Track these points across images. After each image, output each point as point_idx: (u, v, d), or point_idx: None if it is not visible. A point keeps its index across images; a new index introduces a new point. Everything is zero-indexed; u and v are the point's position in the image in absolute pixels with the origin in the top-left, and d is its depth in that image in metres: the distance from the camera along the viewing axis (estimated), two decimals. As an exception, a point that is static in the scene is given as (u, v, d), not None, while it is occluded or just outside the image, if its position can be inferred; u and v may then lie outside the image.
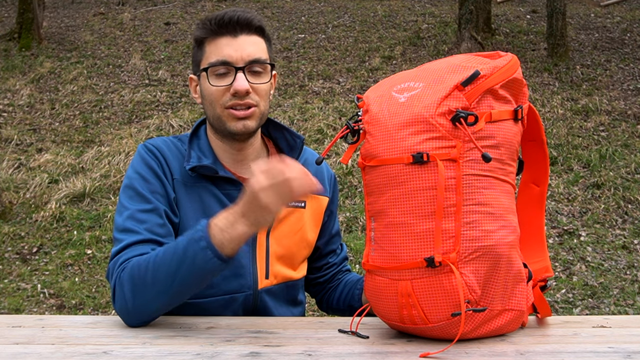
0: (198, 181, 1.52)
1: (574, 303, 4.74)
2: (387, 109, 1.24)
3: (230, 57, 1.47)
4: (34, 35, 10.42)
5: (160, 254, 1.31)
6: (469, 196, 1.18)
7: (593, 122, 7.70)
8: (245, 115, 1.49)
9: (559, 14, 9.21)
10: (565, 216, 6.06)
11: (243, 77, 1.47)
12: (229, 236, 1.24)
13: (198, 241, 1.25)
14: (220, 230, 1.24)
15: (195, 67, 1.56)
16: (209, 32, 1.50)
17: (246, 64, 1.48)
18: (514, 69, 1.24)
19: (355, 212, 6.08)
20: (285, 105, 8.21)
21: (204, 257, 1.24)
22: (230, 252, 1.26)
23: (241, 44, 1.49)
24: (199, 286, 1.31)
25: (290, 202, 1.24)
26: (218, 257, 1.24)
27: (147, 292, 1.30)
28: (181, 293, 1.31)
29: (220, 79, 1.49)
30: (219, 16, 1.49)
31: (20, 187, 6.66)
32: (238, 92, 1.47)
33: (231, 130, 1.51)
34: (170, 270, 1.28)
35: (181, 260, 1.27)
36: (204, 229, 1.26)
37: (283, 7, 12.09)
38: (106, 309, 4.70)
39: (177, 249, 1.28)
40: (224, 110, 1.50)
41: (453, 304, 1.17)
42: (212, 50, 1.50)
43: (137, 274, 1.32)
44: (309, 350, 1.18)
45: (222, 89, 1.48)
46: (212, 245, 1.24)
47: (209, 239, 1.24)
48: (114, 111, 8.39)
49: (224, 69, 1.48)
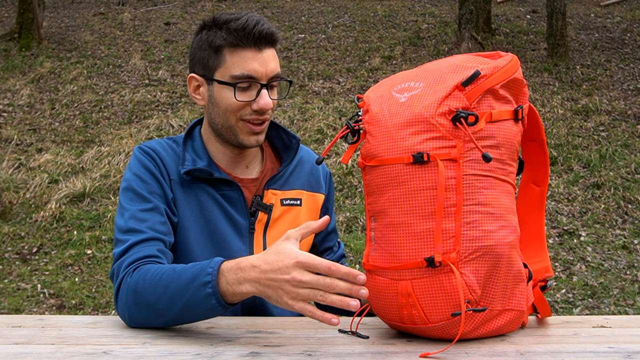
0: (194, 182, 1.52)
1: (574, 303, 4.74)
2: (387, 109, 1.24)
3: (256, 73, 1.45)
4: (34, 35, 10.42)
5: (165, 276, 1.28)
6: (469, 196, 1.18)
7: (593, 122, 7.70)
8: (261, 130, 1.50)
9: (559, 14, 9.21)
10: (565, 216, 6.07)
11: (267, 94, 1.47)
12: (233, 291, 1.22)
13: (204, 286, 1.22)
14: (227, 283, 1.21)
15: (206, 71, 1.51)
16: (231, 41, 1.45)
17: (269, 80, 1.48)
18: (514, 69, 1.24)
19: (355, 212, 6.08)
20: (285, 105, 8.21)
21: (208, 303, 1.22)
22: (233, 301, 1.24)
23: (265, 59, 1.47)
24: (197, 320, 1.31)
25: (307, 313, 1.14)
26: (222, 306, 1.22)
27: (150, 311, 1.29)
28: (179, 322, 1.30)
29: (243, 93, 1.47)
30: (241, 24, 1.45)
31: (20, 187, 6.66)
32: (261, 109, 1.47)
33: (243, 143, 1.51)
34: (172, 302, 1.26)
35: (183, 296, 1.24)
36: (214, 274, 1.22)
37: (283, 7, 12.09)
38: (106, 309, 4.70)
39: (181, 282, 1.25)
40: (239, 122, 1.49)
41: (453, 304, 1.17)
42: (235, 61, 1.46)
43: (142, 289, 1.30)
44: (309, 350, 1.17)
45: (244, 103, 1.47)
46: (218, 295, 1.21)
47: (216, 288, 1.21)
48: (114, 111, 8.39)
49: (248, 84, 1.47)
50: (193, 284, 1.23)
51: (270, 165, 1.63)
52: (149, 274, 1.30)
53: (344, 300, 1.12)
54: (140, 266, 1.34)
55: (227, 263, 1.23)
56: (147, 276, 1.30)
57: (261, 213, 1.56)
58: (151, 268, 1.32)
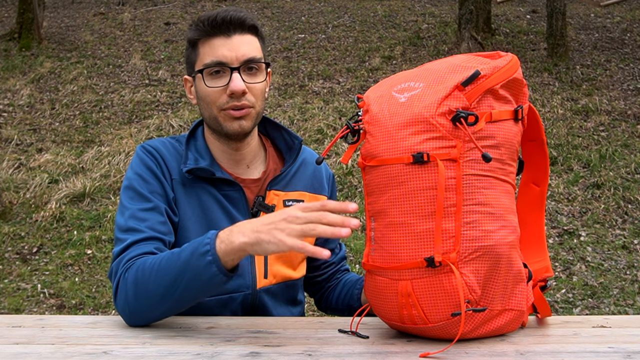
0: (196, 182, 1.53)
1: (574, 303, 4.74)
2: (387, 109, 1.24)
3: (225, 58, 1.48)
4: (34, 35, 10.42)
5: (164, 261, 1.30)
6: (469, 196, 1.18)
7: (593, 122, 7.70)
8: (241, 115, 1.50)
9: (559, 14, 9.21)
10: (565, 216, 6.06)
11: (239, 77, 1.47)
12: (225, 247, 1.22)
13: (204, 255, 1.23)
14: (220, 241, 1.23)
15: (190, 69, 1.56)
16: (202, 32, 1.50)
17: (241, 63, 1.48)
18: (514, 69, 1.24)
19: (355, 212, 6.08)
20: (285, 105, 8.21)
21: (209, 272, 1.23)
22: (231, 264, 1.24)
23: (235, 44, 1.49)
24: (203, 297, 1.30)
25: (299, 249, 1.16)
26: (223, 273, 1.23)
27: (150, 298, 1.29)
28: (184, 302, 1.30)
29: (215, 79, 1.49)
30: (211, 16, 1.49)
31: (20, 187, 6.66)
32: (234, 93, 1.47)
33: (227, 131, 1.51)
34: (175, 280, 1.26)
35: (185, 271, 1.25)
36: (212, 242, 1.24)
37: (283, 7, 12.09)
38: (106, 309, 4.70)
39: (181, 259, 1.26)
40: (220, 112, 1.50)
41: (453, 304, 1.17)
42: (206, 51, 1.50)
43: (141, 278, 1.31)
44: (309, 350, 1.18)
45: (219, 90, 1.48)
46: (218, 260, 1.22)
47: (216, 254, 1.22)
48: (114, 111, 8.39)
49: (219, 69, 1.48)
50: (193, 257, 1.24)
51: (273, 166, 1.63)
52: (147, 264, 1.32)
53: (342, 224, 1.15)
54: (137, 261, 1.35)
55: (221, 231, 1.26)
56: (146, 266, 1.31)
57: (263, 214, 1.55)
58: (148, 259, 1.33)
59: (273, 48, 10.02)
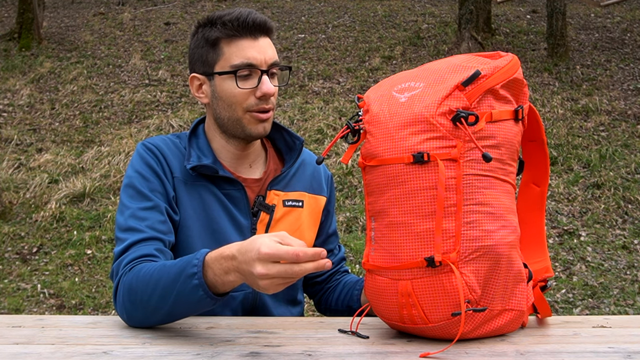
0: (198, 180, 1.52)
1: (574, 303, 4.74)
2: (387, 109, 1.24)
3: (255, 60, 1.47)
4: (34, 35, 10.42)
5: (155, 273, 1.28)
6: (470, 196, 1.18)
7: (593, 122, 7.70)
8: (267, 117, 1.51)
9: (559, 14, 9.21)
10: (565, 216, 6.06)
11: (268, 80, 1.48)
12: (221, 281, 1.20)
13: (191, 278, 1.21)
14: (214, 274, 1.20)
15: (206, 67, 1.52)
16: (227, 32, 1.47)
17: (269, 66, 1.49)
18: (514, 69, 1.24)
19: (355, 212, 6.08)
20: (285, 105, 8.21)
21: (196, 295, 1.21)
22: (223, 291, 1.23)
23: (262, 47, 1.48)
24: (191, 314, 1.29)
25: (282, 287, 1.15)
26: (210, 298, 1.21)
27: (144, 308, 1.29)
28: (173, 318, 1.30)
29: (243, 81, 1.48)
30: (233, 16, 1.47)
31: (20, 187, 6.66)
32: (265, 95, 1.47)
33: (251, 133, 1.51)
34: (162, 297, 1.25)
35: (172, 290, 1.23)
36: (200, 265, 1.21)
37: (283, 7, 12.09)
38: (106, 309, 4.70)
39: (170, 278, 1.24)
40: (246, 113, 1.49)
41: (453, 304, 1.17)
42: (233, 51, 1.47)
43: (135, 287, 1.30)
44: (309, 350, 1.17)
45: (247, 92, 1.48)
46: (204, 285, 1.20)
47: (202, 279, 1.20)
48: (114, 111, 8.39)
49: (248, 71, 1.48)
50: (180, 277, 1.22)
51: (273, 166, 1.63)
52: (141, 272, 1.31)
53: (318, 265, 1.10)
54: (136, 265, 1.35)
55: (211, 254, 1.21)
56: (140, 274, 1.31)
57: (263, 213, 1.56)
58: (144, 266, 1.32)
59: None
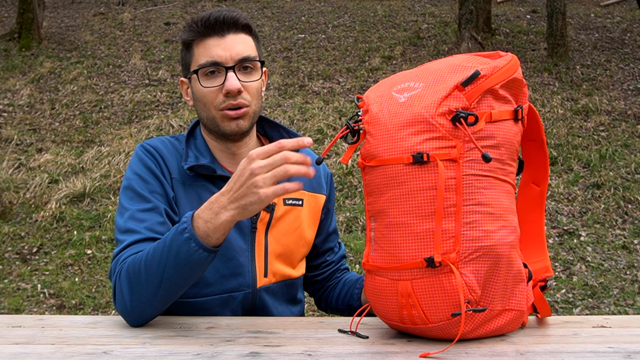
0: (196, 180, 1.53)
1: (574, 303, 4.74)
2: (387, 109, 1.24)
3: (219, 57, 1.48)
4: (34, 35, 10.42)
5: (150, 251, 1.31)
6: (469, 196, 1.18)
7: (593, 122, 7.70)
8: (238, 115, 1.50)
9: (559, 14, 9.21)
10: (565, 216, 6.06)
11: (234, 76, 1.48)
12: (213, 226, 1.24)
13: (182, 233, 1.25)
14: (205, 221, 1.25)
15: (185, 70, 1.57)
16: (196, 33, 1.51)
17: (236, 62, 1.49)
18: (514, 69, 1.24)
19: (355, 212, 6.08)
20: (285, 105, 8.21)
21: (188, 249, 1.24)
22: (216, 241, 1.26)
23: (229, 43, 1.49)
24: (189, 279, 1.30)
25: (282, 193, 1.21)
26: (203, 249, 1.24)
27: (143, 290, 1.30)
28: (173, 287, 1.30)
29: (210, 79, 1.50)
30: (204, 17, 1.50)
31: (20, 187, 6.66)
32: (230, 92, 1.47)
33: (225, 131, 1.52)
34: (160, 265, 1.28)
35: (168, 254, 1.27)
36: (189, 221, 1.26)
37: (283, 7, 12.09)
38: (106, 309, 4.70)
39: (164, 244, 1.29)
40: (218, 112, 1.51)
41: (453, 304, 1.17)
42: (200, 51, 1.50)
43: (132, 272, 1.32)
44: (309, 350, 1.18)
45: (215, 90, 1.49)
46: (195, 236, 1.24)
47: (192, 230, 1.24)
48: (114, 111, 8.39)
49: (214, 69, 1.49)
50: (172, 238, 1.26)
51: None
52: (137, 257, 1.34)
53: (304, 161, 1.20)
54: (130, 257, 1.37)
55: (199, 208, 1.27)
56: (136, 258, 1.33)
57: (263, 212, 1.56)
58: (138, 254, 1.35)
59: (273, 48, 10.03)
